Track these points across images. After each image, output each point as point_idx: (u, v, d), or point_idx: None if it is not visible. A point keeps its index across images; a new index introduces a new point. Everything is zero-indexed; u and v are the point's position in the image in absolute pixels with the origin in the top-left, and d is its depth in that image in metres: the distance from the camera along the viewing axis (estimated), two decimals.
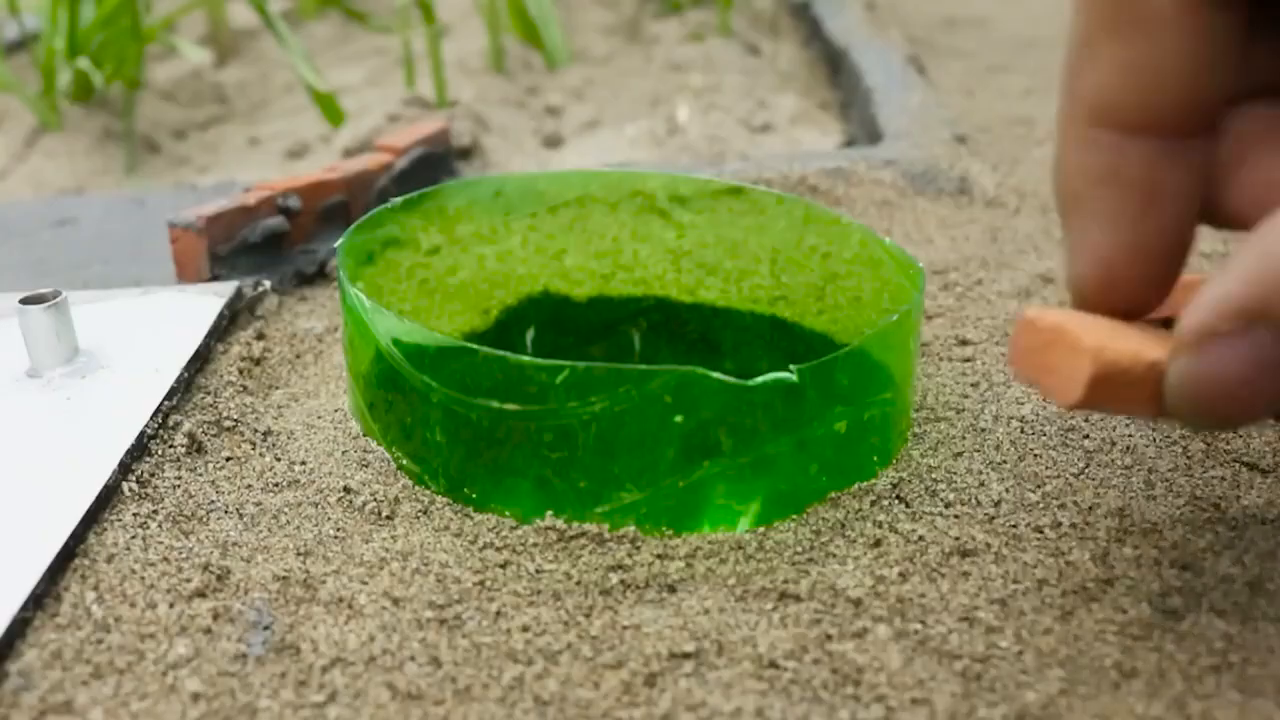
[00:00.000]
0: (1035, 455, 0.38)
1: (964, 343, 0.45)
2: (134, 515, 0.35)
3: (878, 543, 0.33)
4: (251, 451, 0.38)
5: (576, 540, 0.33)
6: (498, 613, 0.31)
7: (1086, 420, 0.40)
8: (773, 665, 0.29)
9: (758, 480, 0.33)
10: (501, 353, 0.33)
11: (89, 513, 0.34)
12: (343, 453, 0.38)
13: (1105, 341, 0.28)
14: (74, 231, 0.58)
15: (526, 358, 0.32)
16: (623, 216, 0.46)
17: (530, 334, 0.47)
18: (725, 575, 0.32)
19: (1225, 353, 0.25)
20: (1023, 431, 0.39)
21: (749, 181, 0.54)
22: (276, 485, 0.36)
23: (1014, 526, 0.34)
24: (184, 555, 0.33)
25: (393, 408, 0.36)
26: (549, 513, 0.34)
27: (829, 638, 0.30)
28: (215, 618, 0.31)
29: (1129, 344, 0.28)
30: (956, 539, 0.33)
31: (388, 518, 0.35)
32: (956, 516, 0.34)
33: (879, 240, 0.41)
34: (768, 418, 0.33)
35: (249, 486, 0.36)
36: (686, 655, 0.29)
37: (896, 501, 0.35)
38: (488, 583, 0.32)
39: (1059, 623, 0.30)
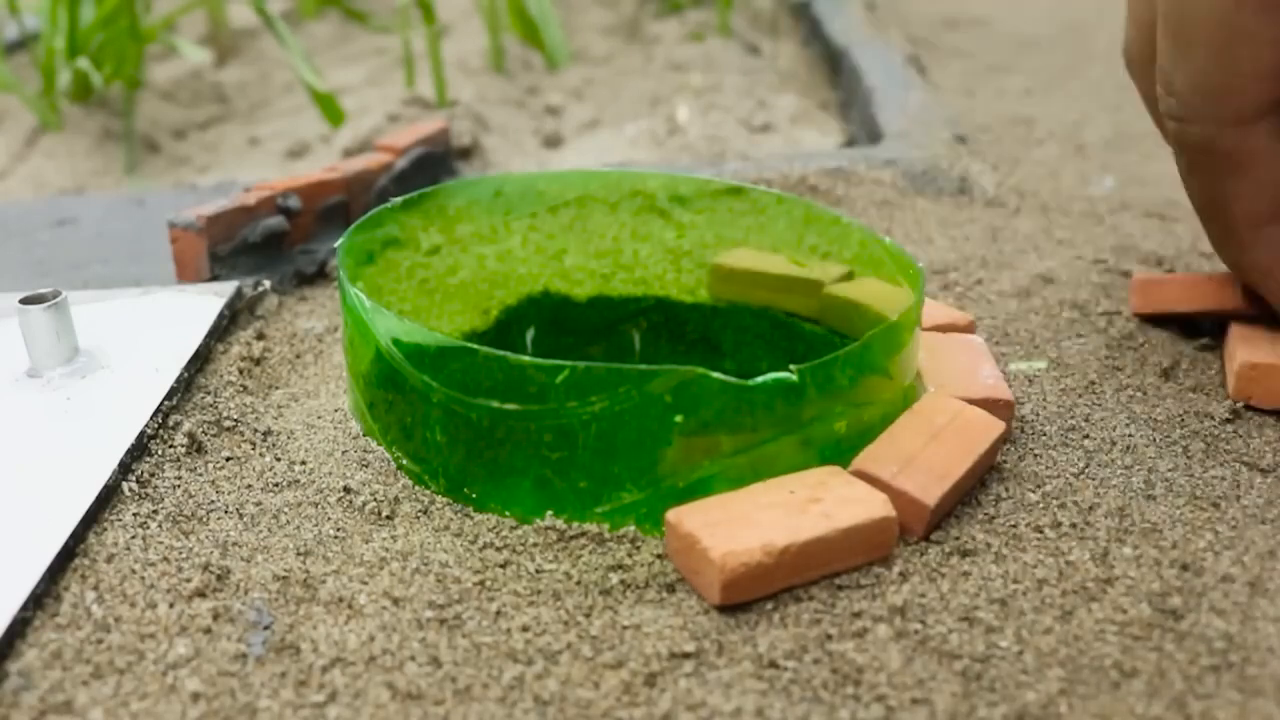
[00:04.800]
0: (1035, 455, 0.38)
1: None
2: (134, 515, 0.35)
3: None
4: (251, 451, 0.38)
5: (576, 540, 0.33)
6: (498, 613, 0.31)
7: (1086, 420, 0.40)
8: (773, 665, 0.29)
9: (758, 480, 0.33)
10: (501, 353, 0.33)
11: (89, 513, 0.34)
12: (343, 453, 0.38)
13: (733, 545, 0.30)
14: (74, 231, 0.58)
15: (526, 358, 0.32)
16: (623, 216, 0.46)
17: (530, 334, 0.47)
18: None
19: None
20: (1023, 431, 0.39)
21: (749, 181, 0.54)
22: (276, 485, 0.36)
23: (1014, 526, 0.34)
24: (184, 555, 0.33)
25: (393, 408, 0.36)
26: (549, 513, 0.34)
27: (829, 638, 0.30)
28: (215, 618, 0.31)
29: (763, 535, 0.31)
30: (957, 539, 0.33)
31: (388, 518, 0.35)
32: (957, 516, 0.34)
33: (879, 240, 0.41)
34: (768, 418, 0.33)
35: (249, 486, 0.36)
36: (686, 655, 0.29)
37: None
38: (488, 583, 0.32)
39: (1059, 623, 0.30)
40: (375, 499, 0.35)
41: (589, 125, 0.77)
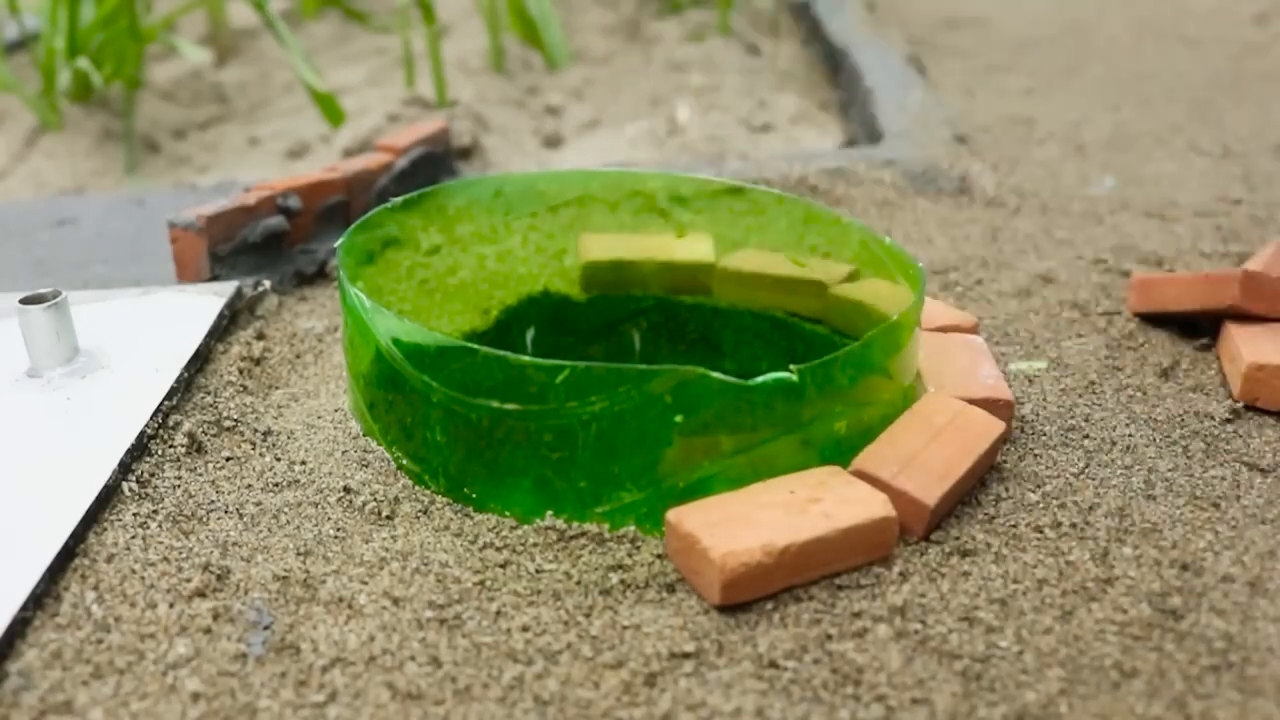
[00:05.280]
0: (1035, 455, 0.38)
1: None
2: (134, 515, 0.35)
3: None
4: (251, 451, 0.38)
5: (576, 540, 0.33)
6: (498, 613, 0.31)
7: (1086, 420, 0.40)
8: (773, 665, 0.29)
9: (758, 480, 0.33)
10: (501, 353, 0.33)
11: (89, 513, 0.34)
12: (343, 453, 0.38)
13: (733, 545, 0.30)
14: (74, 231, 0.58)
15: (526, 358, 0.32)
16: (623, 216, 0.46)
17: (530, 334, 0.47)
18: None
19: None
20: (1023, 431, 0.39)
21: (749, 181, 0.54)
22: (276, 485, 0.36)
23: (1014, 526, 0.34)
24: (184, 555, 0.33)
25: (393, 408, 0.36)
26: (549, 513, 0.34)
27: (829, 638, 0.30)
28: (215, 618, 0.31)
29: (763, 535, 0.31)
30: (957, 539, 0.33)
31: (388, 518, 0.35)
32: (957, 516, 0.34)
33: (879, 240, 0.41)
34: (768, 418, 0.33)
35: (249, 486, 0.36)
36: (686, 655, 0.29)
37: None
38: (488, 583, 0.32)
39: (1059, 623, 0.30)
40: (375, 499, 0.35)
41: (589, 125, 0.77)
